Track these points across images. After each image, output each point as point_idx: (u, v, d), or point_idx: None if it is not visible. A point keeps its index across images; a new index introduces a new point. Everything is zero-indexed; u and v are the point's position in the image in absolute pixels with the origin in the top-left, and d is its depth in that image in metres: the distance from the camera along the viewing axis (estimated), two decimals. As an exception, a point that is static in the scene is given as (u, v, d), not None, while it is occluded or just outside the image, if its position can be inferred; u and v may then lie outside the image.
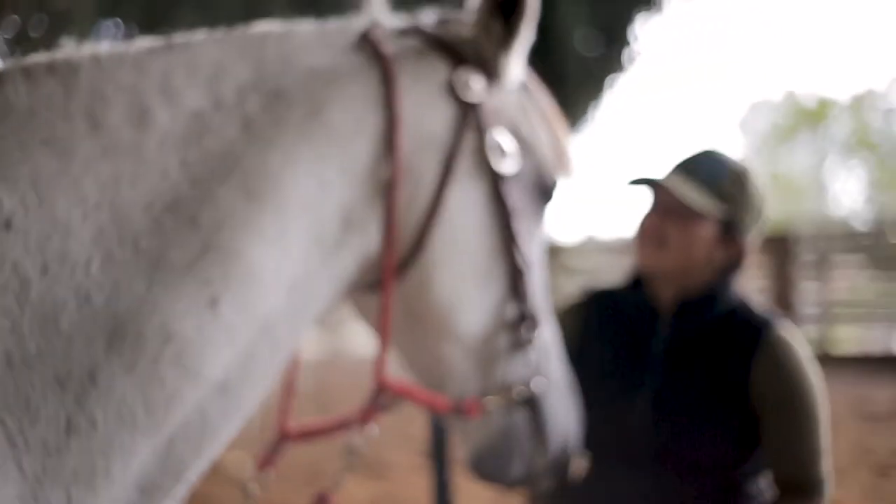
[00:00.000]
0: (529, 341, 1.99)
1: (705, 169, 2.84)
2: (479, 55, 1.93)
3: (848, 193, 53.06)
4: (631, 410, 2.83)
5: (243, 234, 1.63)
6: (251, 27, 1.82)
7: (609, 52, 10.39)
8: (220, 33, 1.79)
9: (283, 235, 1.67)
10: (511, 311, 1.96)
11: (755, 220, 2.90)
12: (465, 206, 1.87)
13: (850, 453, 8.60)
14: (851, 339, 18.51)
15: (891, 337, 17.92)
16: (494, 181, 1.90)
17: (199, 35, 1.77)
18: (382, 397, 1.86)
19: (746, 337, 2.81)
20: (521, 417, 2.04)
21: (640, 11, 10.43)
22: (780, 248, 16.31)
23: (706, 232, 2.82)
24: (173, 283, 1.57)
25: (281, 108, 1.72)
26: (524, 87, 2.04)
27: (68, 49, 1.69)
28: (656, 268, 2.85)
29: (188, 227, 1.60)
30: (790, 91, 43.05)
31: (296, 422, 1.98)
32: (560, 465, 2.14)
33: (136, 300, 1.55)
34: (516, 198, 1.94)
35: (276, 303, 1.68)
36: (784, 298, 15.99)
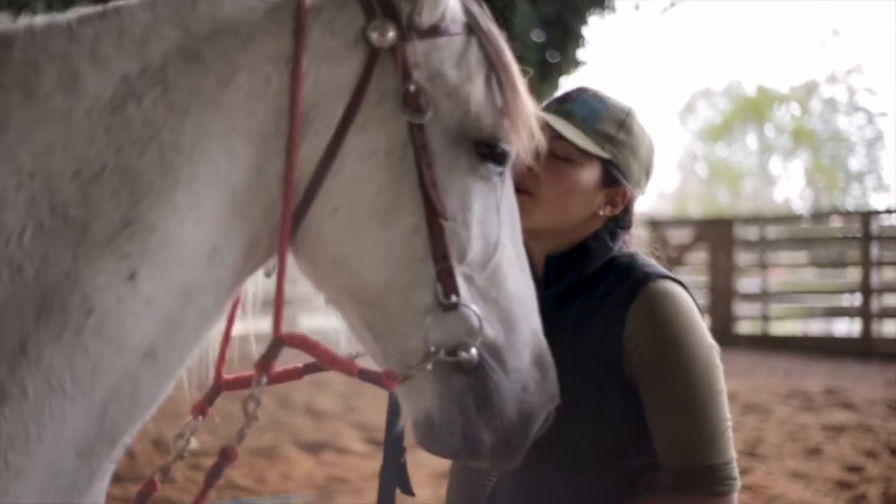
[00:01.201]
0: (452, 303, 1.84)
1: (584, 107, 2.46)
2: (392, 5, 1.86)
3: (789, 182, 53.95)
4: None
5: (160, 208, 1.68)
6: None
7: (562, 50, 10.61)
8: None
9: (197, 207, 1.71)
10: (426, 268, 1.84)
11: (642, 169, 2.51)
12: (366, 154, 1.81)
13: (782, 434, 8.72)
14: (790, 321, 19.01)
15: (828, 320, 18.44)
16: (403, 129, 1.83)
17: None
18: (277, 349, 1.83)
19: (624, 292, 2.36)
20: (460, 384, 1.87)
21: (592, 8, 10.65)
22: (722, 231, 16.81)
23: (584, 177, 2.43)
24: (95, 257, 1.64)
25: (198, 73, 1.75)
26: (473, 37, 1.93)
27: (3, 22, 1.75)
28: (529, 222, 2.23)
29: (111, 199, 1.66)
30: (732, 80, 43.46)
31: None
32: (518, 435, 1.94)
33: (62, 273, 1.62)
34: (434, 148, 1.85)
35: (196, 272, 1.73)
36: (724, 280, 16.45)
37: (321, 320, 2.07)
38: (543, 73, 10.10)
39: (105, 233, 1.65)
